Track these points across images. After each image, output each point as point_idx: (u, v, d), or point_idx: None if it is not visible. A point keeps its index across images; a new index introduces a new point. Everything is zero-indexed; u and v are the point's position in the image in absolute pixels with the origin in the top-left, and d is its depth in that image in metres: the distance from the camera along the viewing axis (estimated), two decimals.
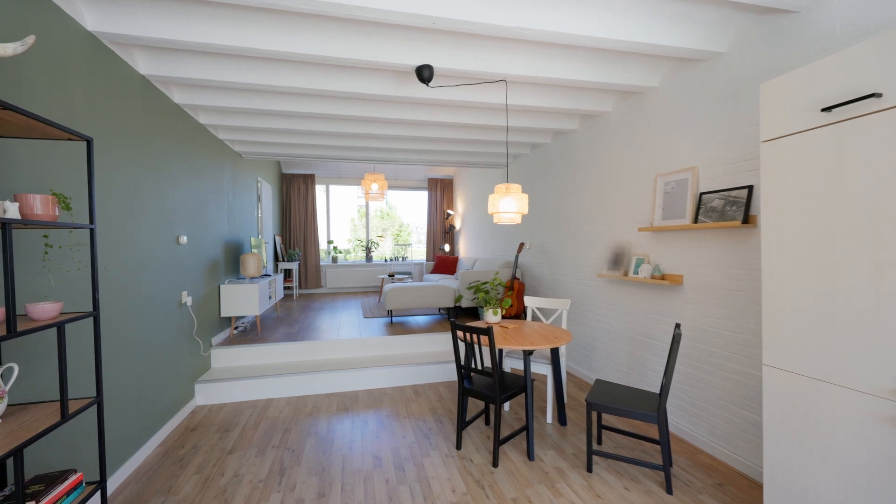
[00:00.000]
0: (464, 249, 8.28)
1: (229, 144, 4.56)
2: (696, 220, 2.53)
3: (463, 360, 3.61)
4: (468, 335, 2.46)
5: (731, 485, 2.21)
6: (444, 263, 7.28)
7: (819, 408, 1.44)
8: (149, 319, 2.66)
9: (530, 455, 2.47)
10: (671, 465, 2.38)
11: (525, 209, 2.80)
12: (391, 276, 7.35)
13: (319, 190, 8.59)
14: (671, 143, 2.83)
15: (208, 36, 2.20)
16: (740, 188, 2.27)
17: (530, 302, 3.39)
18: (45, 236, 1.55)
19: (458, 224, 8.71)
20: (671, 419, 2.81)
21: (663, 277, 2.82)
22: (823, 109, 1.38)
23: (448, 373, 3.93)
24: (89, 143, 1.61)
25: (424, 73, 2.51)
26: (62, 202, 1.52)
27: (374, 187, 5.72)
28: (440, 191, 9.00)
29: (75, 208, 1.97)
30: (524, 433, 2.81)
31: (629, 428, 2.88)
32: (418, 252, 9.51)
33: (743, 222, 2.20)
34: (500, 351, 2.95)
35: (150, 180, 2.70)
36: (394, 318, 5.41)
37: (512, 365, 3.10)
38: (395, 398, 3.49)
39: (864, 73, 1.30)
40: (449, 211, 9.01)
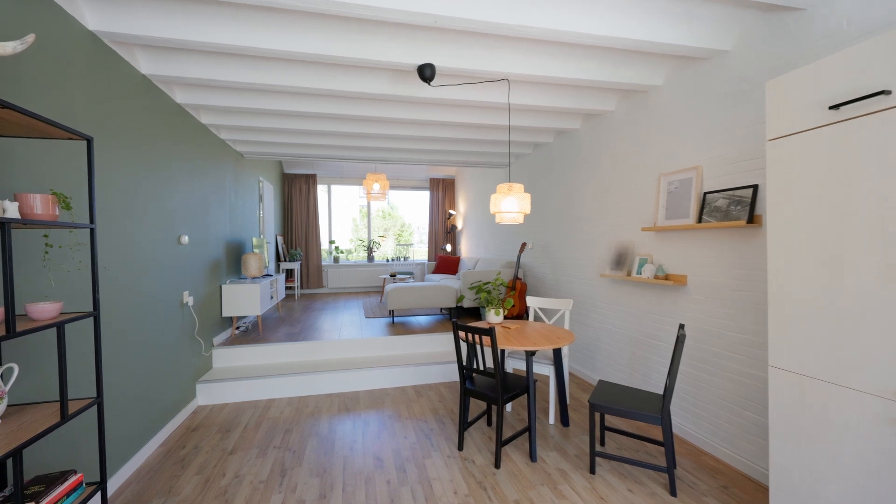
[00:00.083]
0: (465, 249, 8.26)
1: (231, 144, 4.56)
2: (700, 220, 2.51)
3: (465, 361, 3.59)
4: (470, 335, 2.45)
5: (735, 487, 2.18)
6: (446, 263, 7.27)
7: (826, 410, 1.42)
8: (150, 319, 2.66)
9: (533, 456, 2.45)
10: (675, 467, 2.36)
11: (527, 209, 2.78)
12: (393, 276, 7.33)
13: (321, 190, 8.59)
14: (675, 142, 2.81)
15: (210, 35, 2.19)
16: (745, 187, 2.25)
17: (532, 302, 3.38)
18: (46, 236, 1.55)
19: (459, 224, 8.69)
20: (674, 420, 2.78)
21: (667, 278, 2.80)
22: (831, 107, 1.36)
23: (450, 373, 3.91)
24: (89, 143, 1.60)
25: (426, 72, 2.50)
26: (62, 202, 1.52)
27: (376, 187, 5.71)
28: (442, 191, 8.99)
29: (75, 208, 1.97)
30: (526, 434, 2.80)
31: (632, 429, 2.86)
32: (420, 252, 9.50)
33: (748, 222, 2.18)
34: (503, 351, 2.94)
35: (152, 180, 2.70)
36: (395, 319, 5.40)
37: (514, 365, 3.08)
38: (397, 399, 3.48)
39: (872, 71, 1.28)
40: (451, 211, 9.00)
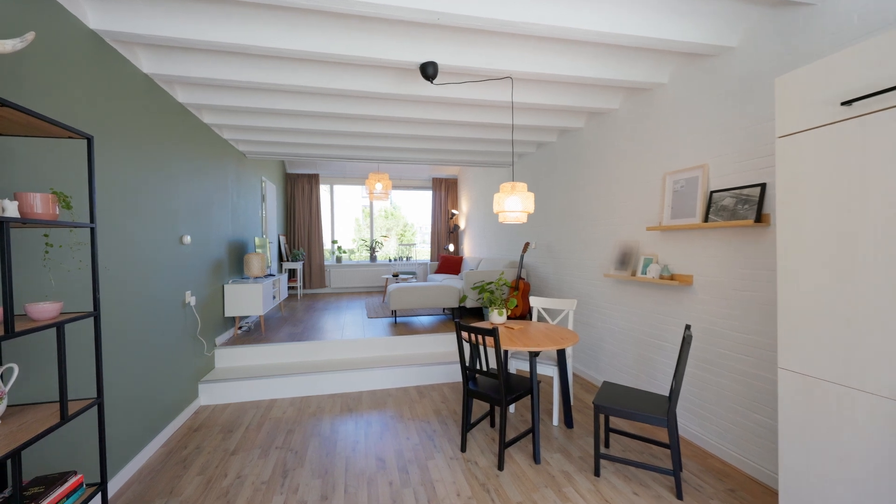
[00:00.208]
0: (468, 249, 8.23)
1: (233, 144, 4.55)
2: (706, 219, 2.48)
3: (468, 362, 3.57)
4: (473, 336, 2.42)
5: (743, 490, 2.15)
6: (449, 263, 7.24)
7: (838, 412, 1.39)
8: (151, 319, 2.65)
9: (536, 458, 2.43)
10: (681, 470, 2.32)
11: (531, 208, 2.76)
12: (395, 276, 7.32)
13: (324, 190, 8.59)
14: (680, 140, 2.78)
15: (212, 34, 2.18)
16: (753, 186, 2.22)
17: (536, 302, 3.35)
18: (46, 235, 1.54)
19: (462, 224, 8.67)
20: (680, 422, 2.75)
21: (672, 277, 2.77)
22: (843, 103, 1.33)
23: (452, 374, 3.89)
24: (90, 141, 1.59)
25: (429, 71, 2.48)
26: (62, 201, 1.51)
27: (379, 187, 5.69)
28: (444, 190, 8.96)
29: (76, 207, 1.96)
30: (530, 436, 2.77)
31: (637, 431, 2.83)
32: (422, 252, 9.48)
33: (756, 221, 2.14)
34: (506, 352, 2.91)
35: (153, 179, 2.69)
36: (398, 319, 5.38)
37: (517, 366, 3.06)
38: (399, 399, 3.46)
39: (886, 65, 1.24)
40: (453, 210, 8.97)
